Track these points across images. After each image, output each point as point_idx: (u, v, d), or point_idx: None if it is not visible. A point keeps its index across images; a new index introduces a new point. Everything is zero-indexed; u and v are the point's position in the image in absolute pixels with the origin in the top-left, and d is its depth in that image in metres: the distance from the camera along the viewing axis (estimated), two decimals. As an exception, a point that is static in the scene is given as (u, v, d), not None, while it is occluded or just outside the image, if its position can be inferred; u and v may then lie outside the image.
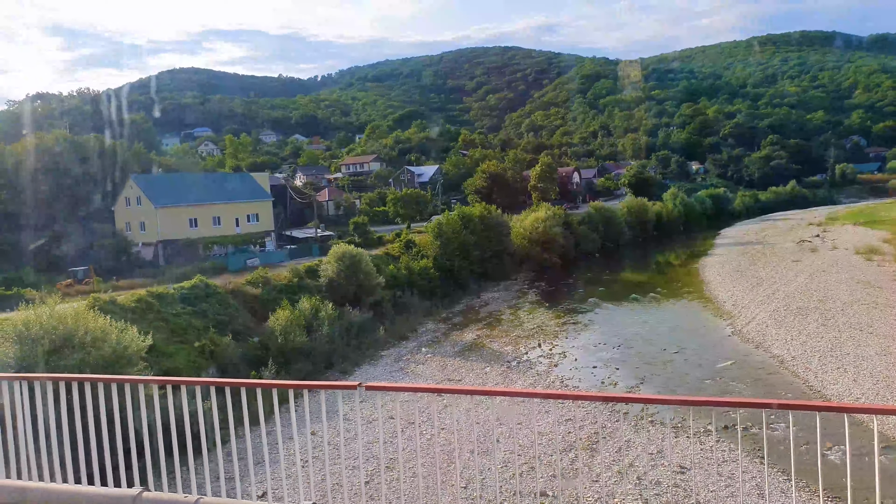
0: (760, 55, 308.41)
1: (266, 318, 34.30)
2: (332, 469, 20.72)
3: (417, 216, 79.28)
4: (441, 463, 20.28)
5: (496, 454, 20.57)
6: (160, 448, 6.29)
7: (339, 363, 32.11)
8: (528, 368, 29.59)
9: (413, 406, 25.01)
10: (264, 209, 56.66)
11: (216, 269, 45.14)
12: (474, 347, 34.35)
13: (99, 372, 20.12)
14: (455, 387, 24.05)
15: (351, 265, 39.76)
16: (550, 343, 33.96)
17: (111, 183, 56.43)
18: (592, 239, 72.36)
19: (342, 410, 22.77)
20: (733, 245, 70.93)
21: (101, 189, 56.13)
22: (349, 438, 23.12)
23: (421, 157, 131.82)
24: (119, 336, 20.90)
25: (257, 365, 29.33)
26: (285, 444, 22.50)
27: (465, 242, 51.98)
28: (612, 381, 27.10)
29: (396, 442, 22.33)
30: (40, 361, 19.20)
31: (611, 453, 19.94)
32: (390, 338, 36.60)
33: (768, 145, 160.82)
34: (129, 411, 5.44)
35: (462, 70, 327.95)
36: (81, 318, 20.60)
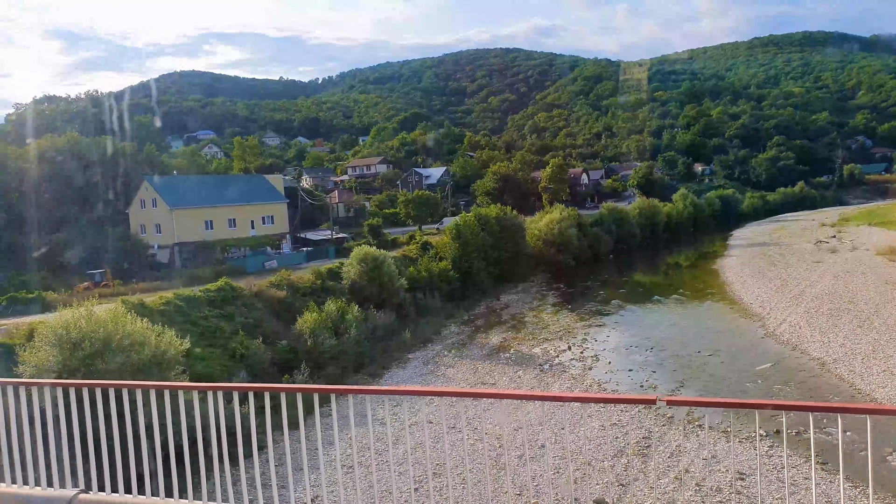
0: (763, 56, 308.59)
1: (291, 320, 33.86)
2: (378, 475, 20.25)
3: (429, 218, 78.86)
4: (490, 469, 19.81)
5: (544, 459, 20.11)
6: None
7: (368, 366, 31.66)
8: (562, 371, 29.10)
9: (449, 410, 24.59)
10: (279, 211, 56.21)
11: (234, 272, 44.70)
12: (503, 350, 33.86)
13: (137, 376, 19.64)
14: (496, 391, 23.43)
15: (374, 267, 39.31)
16: (580, 346, 33.48)
17: (124, 185, 55.98)
18: (606, 240, 71.86)
19: (387, 415, 22.34)
20: (748, 246, 70.48)
21: (114, 191, 55.67)
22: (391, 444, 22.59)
23: (427, 159, 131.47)
24: (157, 339, 20.42)
25: (288, 369, 28.86)
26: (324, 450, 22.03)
27: (483, 244, 51.53)
28: (651, 385, 26.61)
29: (441, 447, 21.89)
30: (81, 366, 18.72)
31: (663, 458, 19.44)
32: (415, 340, 36.13)
33: (774, 146, 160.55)
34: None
35: (463, 72, 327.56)
36: (120, 320, 20.11)
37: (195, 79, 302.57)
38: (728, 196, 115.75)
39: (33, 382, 5.65)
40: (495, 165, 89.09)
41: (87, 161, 56.83)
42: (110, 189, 55.59)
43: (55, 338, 19.32)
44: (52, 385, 5.39)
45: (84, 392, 5.22)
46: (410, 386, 27.32)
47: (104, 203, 54.11)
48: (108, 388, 5.23)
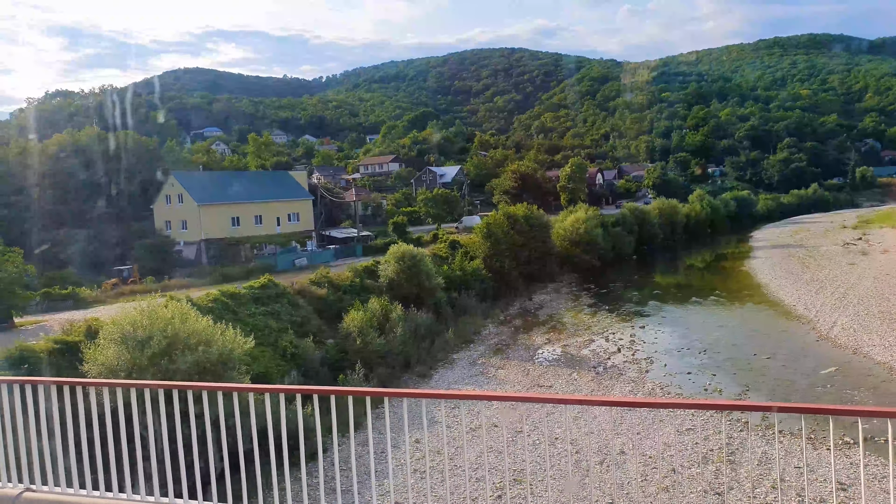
0: (768, 58, 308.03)
1: (332, 318, 33.14)
2: (452, 482, 19.49)
3: (448, 217, 78.13)
4: (571, 475, 19.06)
5: (627, 466, 19.36)
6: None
7: (414, 366, 30.92)
8: (619, 374, 28.35)
9: (511, 414, 23.81)
10: (304, 208, 55.44)
11: (265, 269, 43.95)
12: (549, 352, 33.09)
13: (204, 377, 18.87)
14: (571, 396, 22.64)
15: (411, 265, 38.57)
16: (629, 348, 32.73)
17: (147, 181, 55.21)
18: (628, 241, 71.15)
19: (462, 419, 21.48)
20: (773, 248, 69.75)
21: (138, 187, 54.91)
22: (459, 448, 21.83)
23: (440, 157, 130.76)
24: (224, 338, 19.66)
25: (338, 369, 28.12)
26: (382, 454, 21.25)
27: (513, 243, 50.76)
28: (716, 388, 25.87)
29: (514, 453, 21.13)
30: (149, 365, 17.95)
31: (752, 466, 18.70)
32: (456, 340, 35.37)
33: (785, 148, 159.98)
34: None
35: (468, 72, 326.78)
36: (187, 318, 19.35)
37: (199, 76, 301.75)
38: (743, 197, 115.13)
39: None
40: (514, 164, 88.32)
41: (109, 156, 56.06)
42: (133, 185, 54.82)
43: (120, 335, 18.56)
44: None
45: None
46: (483, 390, 26.59)
47: (128, 199, 53.34)
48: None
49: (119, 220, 52.15)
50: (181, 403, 4.82)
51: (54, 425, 5.33)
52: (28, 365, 18.24)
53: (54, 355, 19.20)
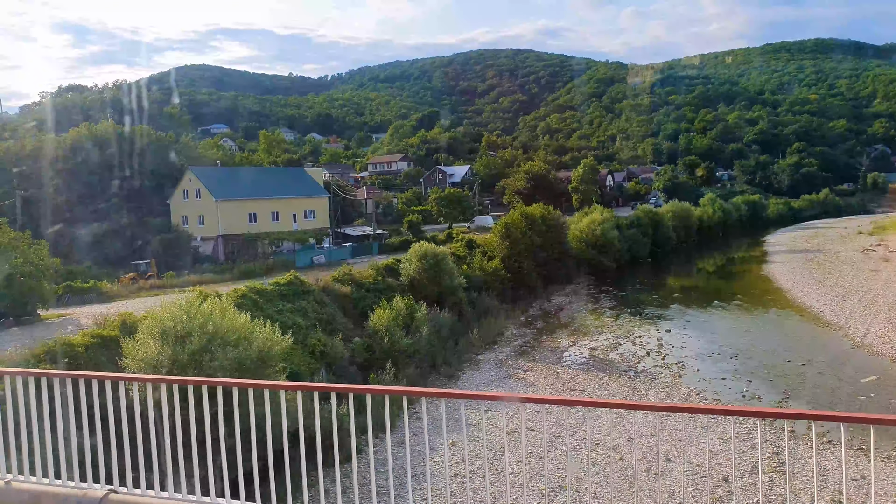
0: (774, 62, 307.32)
1: (357, 317, 32.74)
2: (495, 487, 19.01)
3: (460, 216, 77.65)
4: (617, 483, 18.59)
5: (674, 474, 18.87)
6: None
7: (440, 366, 30.47)
8: (651, 379, 27.87)
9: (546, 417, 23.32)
10: (321, 205, 55.01)
11: (284, 266, 43.55)
12: (576, 355, 32.63)
13: (244, 374, 18.43)
14: (622, 401, 22.01)
15: (433, 264, 38.12)
16: (658, 352, 32.25)
17: (163, 175, 54.79)
18: (644, 243, 70.64)
19: (519, 421, 20.92)
20: (789, 253, 69.18)
21: (154, 181, 54.50)
22: (497, 452, 21.35)
23: (449, 157, 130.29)
24: (264, 334, 19.21)
25: (366, 367, 27.72)
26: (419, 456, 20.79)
27: (531, 244, 50.27)
28: (754, 395, 25.37)
29: (554, 457, 20.66)
30: (190, 362, 17.51)
31: (806, 477, 18.19)
32: (480, 341, 34.91)
33: (795, 152, 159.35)
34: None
35: (473, 72, 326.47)
36: (225, 314, 18.89)
37: (204, 73, 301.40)
38: (755, 201, 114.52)
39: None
40: (526, 165, 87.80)
41: (125, 150, 55.63)
42: (150, 179, 54.41)
43: (159, 331, 18.12)
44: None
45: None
46: (521, 393, 26.11)
47: (144, 193, 52.93)
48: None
49: (135, 214, 51.75)
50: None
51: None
52: (68, 359, 17.80)
53: (92, 350, 18.76)
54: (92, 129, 58.76)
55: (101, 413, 4.90)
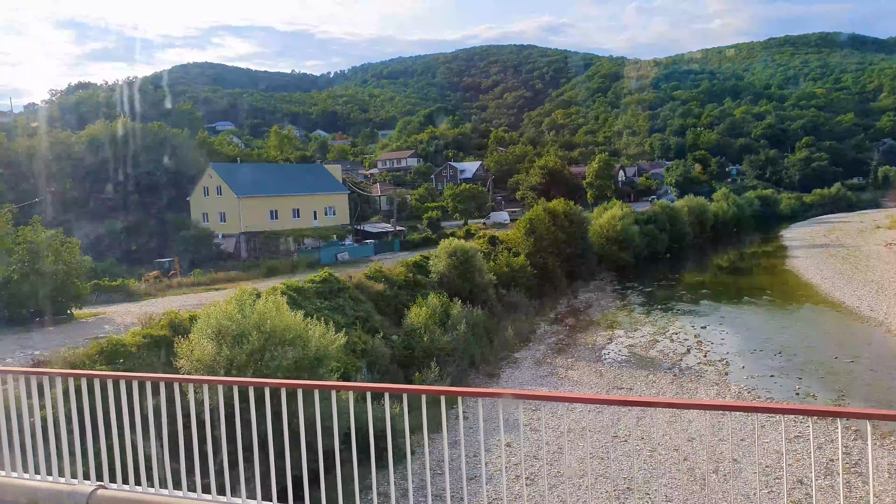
0: (779, 56, 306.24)
1: (391, 314, 32.21)
2: (560, 490, 18.48)
3: (476, 212, 77.12)
4: (686, 484, 18.03)
5: (744, 475, 18.31)
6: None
7: (479, 365, 29.95)
8: (698, 377, 27.31)
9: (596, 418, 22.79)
10: (340, 202, 54.46)
11: (308, 263, 43.04)
12: (614, 352, 32.08)
13: (301, 374, 17.89)
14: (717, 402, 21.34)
15: (464, 261, 37.58)
16: (698, 349, 31.69)
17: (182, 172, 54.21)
18: (662, 239, 70.06)
19: (565, 422, 20.35)
20: (810, 247, 68.53)
21: (173, 178, 53.94)
22: (555, 453, 20.82)
23: (458, 153, 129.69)
24: (319, 333, 18.66)
25: (406, 366, 27.20)
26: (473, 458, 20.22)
27: (556, 239, 49.71)
28: (808, 393, 24.81)
29: (619, 459, 20.11)
30: (248, 362, 16.96)
31: (884, 478, 17.64)
32: (514, 339, 34.37)
33: (804, 147, 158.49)
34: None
35: (476, 68, 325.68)
36: (283, 312, 18.34)
37: (207, 70, 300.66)
38: (767, 196, 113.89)
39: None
40: (541, 160, 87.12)
41: (142, 147, 55.07)
42: (168, 176, 53.85)
43: (214, 330, 17.57)
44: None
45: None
46: (581, 393, 25.58)
47: (163, 190, 52.38)
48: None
49: (153, 211, 51.23)
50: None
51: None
52: (122, 360, 17.27)
53: (143, 349, 18.23)
54: (107, 125, 58.15)
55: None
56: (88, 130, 56.60)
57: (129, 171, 52.98)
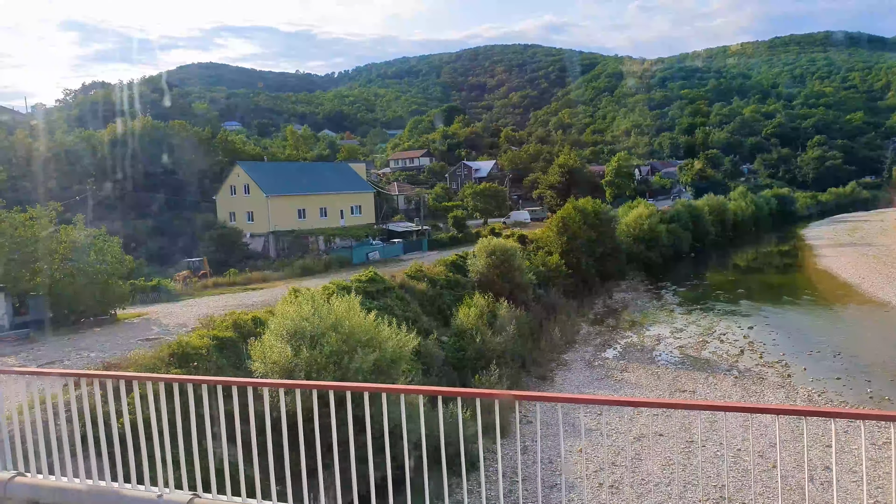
0: (784, 55, 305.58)
1: (434, 314, 31.45)
2: (643, 501, 17.69)
3: (496, 211, 76.29)
4: (782, 493, 17.24)
5: (842, 484, 17.50)
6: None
7: (529, 367, 29.16)
8: (760, 379, 26.49)
9: (667, 422, 21.99)
10: (367, 201, 53.68)
11: (340, 262, 42.32)
12: (664, 353, 31.27)
13: (379, 377, 17.12)
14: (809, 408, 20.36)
15: (503, 260, 36.74)
16: (752, 350, 30.86)
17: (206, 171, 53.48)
18: (686, 237, 69.25)
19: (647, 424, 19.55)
20: (838, 246, 67.63)
21: (198, 177, 53.20)
22: (632, 459, 20.02)
23: (471, 152, 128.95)
24: (390, 333, 17.91)
25: (458, 368, 26.43)
26: (547, 463, 19.42)
27: (588, 239, 48.89)
28: (882, 397, 23.98)
29: (701, 466, 19.31)
30: (327, 364, 16.18)
31: None
32: (559, 340, 33.58)
33: (816, 145, 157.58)
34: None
35: (481, 67, 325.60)
36: (354, 313, 17.57)
37: (211, 71, 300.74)
38: (784, 195, 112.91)
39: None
40: (560, 158, 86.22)
41: (164, 146, 54.34)
42: (192, 175, 53.12)
43: (289, 332, 16.79)
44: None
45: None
46: (654, 398, 24.78)
47: (189, 189, 51.65)
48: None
49: (178, 210, 50.50)
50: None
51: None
52: (196, 363, 16.49)
53: (212, 352, 17.45)
54: (128, 124, 57.45)
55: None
56: (110, 129, 55.87)
57: (151, 169, 52.27)
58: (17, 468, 5.12)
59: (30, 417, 5.13)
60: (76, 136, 53.82)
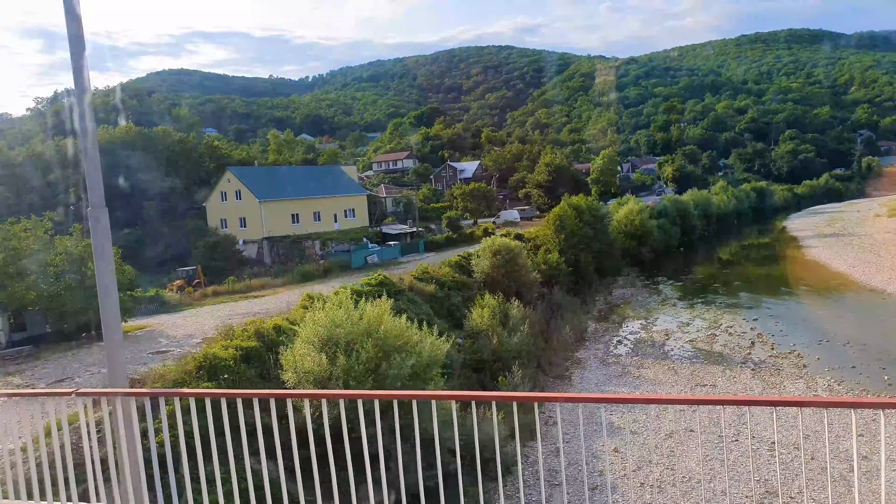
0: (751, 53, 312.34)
1: (444, 315, 30.94)
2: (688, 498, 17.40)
3: (485, 212, 76.01)
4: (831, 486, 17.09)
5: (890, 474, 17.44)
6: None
7: (545, 367, 28.82)
8: (777, 370, 26.51)
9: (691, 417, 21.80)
10: (360, 204, 52.89)
11: (340, 267, 41.55)
12: (676, 348, 31.20)
13: (417, 382, 16.59)
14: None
15: (508, 260, 36.41)
16: (763, 342, 30.95)
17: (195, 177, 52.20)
18: (674, 233, 69.80)
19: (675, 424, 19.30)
20: (819, 237, 68.78)
21: (182, 183, 51.87)
22: (666, 457, 19.74)
23: (454, 153, 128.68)
24: (430, 338, 17.37)
25: (477, 370, 25.98)
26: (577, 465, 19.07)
27: (585, 236, 48.84)
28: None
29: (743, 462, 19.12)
30: (364, 372, 15.57)
31: None
32: (572, 338, 33.31)
33: (787, 139, 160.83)
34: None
35: (457, 69, 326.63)
36: (386, 319, 16.99)
37: (184, 77, 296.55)
38: (762, 189, 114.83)
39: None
40: (547, 157, 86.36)
41: (149, 152, 52.88)
42: (179, 181, 51.79)
43: (320, 339, 16.15)
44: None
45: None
46: (681, 394, 24.51)
47: (176, 196, 50.33)
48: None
49: (167, 218, 49.16)
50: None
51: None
52: (227, 375, 15.74)
53: (238, 363, 16.69)
54: (111, 131, 55.86)
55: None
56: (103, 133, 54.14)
57: (136, 177, 50.78)
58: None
59: (58, 441, 4.79)
60: (54, 144, 52.06)
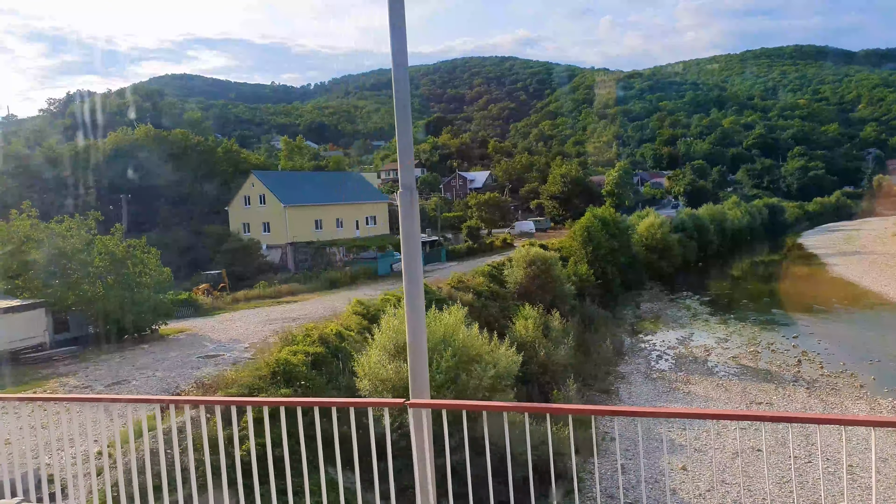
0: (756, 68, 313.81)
1: (482, 325, 30.17)
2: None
3: (500, 222, 75.46)
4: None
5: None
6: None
7: (588, 380, 28.06)
8: (833, 390, 25.79)
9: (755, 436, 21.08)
10: (381, 212, 52.23)
11: (365, 273, 40.85)
12: (719, 363, 30.48)
13: (494, 393, 15.85)
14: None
15: (543, 270, 35.74)
16: (810, 360, 30.25)
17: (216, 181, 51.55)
18: (692, 247, 69.26)
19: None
20: (840, 255, 68.27)
21: (203, 187, 51.20)
22: (738, 476, 18.98)
23: (463, 162, 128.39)
24: (505, 348, 16.67)
25: (524, 382, 25.21)
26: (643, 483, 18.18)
27: (611, 248, 48.25)
28: (966, 404, 23.41)
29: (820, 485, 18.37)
30: (445, 381, 14.85)
31: None
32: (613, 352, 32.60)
33: (796, 156, 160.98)
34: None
35: (460, 80, 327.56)
36: (460, 329, 16.30)
37: (185, 82, 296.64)
38: (774, 205, 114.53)
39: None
40: (561, 168, 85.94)
41: (167, 155, 52.26)
42: (199, 185, 51.12)
43: (395, 346, 15.42)
44: None
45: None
46: (762, 411, 23.76)
47: (196, 199, 49.64)
48: None
49: (189, 222, 48.44)
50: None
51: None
52: (303, 381, 14.99)
53: (309, 369, 15.94)
54: (129, 133, 55.25)
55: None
56: (111, 139, 53.59)
57: (155, 180, 50.14)
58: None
59: (135, 448, 4.72)
60: (70, 146, 51.41)
